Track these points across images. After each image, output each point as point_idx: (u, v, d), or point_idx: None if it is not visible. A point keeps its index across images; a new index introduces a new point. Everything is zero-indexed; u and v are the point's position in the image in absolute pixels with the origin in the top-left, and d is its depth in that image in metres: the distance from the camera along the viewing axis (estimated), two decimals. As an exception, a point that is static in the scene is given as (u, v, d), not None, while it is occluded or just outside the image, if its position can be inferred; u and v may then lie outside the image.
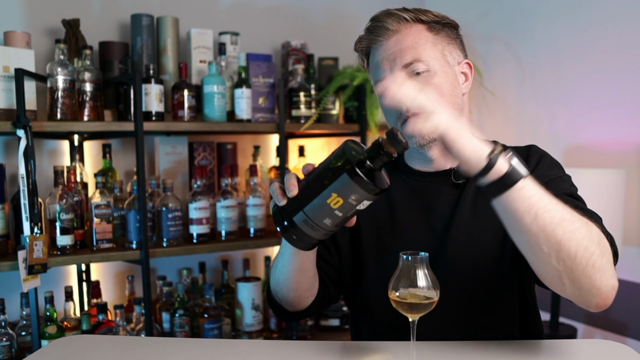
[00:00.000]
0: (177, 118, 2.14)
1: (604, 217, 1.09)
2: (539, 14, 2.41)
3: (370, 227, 1.25)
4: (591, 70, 2.22)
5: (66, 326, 1.98)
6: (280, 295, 1.24)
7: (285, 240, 1.12)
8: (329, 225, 0.96)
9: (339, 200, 0.93)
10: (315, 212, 0.95)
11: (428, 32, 1.17)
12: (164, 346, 1.24)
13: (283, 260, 1.18)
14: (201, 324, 2.19)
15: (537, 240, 0.90)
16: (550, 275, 0.94)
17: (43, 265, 1.81)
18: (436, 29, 1.18)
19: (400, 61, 1.15)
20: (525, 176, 0.89)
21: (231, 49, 2.37)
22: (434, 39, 1.17)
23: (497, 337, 1.17)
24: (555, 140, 2.34)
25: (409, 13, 1.18)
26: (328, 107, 2.43)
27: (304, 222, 0.96)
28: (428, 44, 1.16)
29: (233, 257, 2.58)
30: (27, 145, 1.78)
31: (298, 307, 1.26)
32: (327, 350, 1.16)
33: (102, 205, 2.00)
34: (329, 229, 0.97)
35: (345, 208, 0.94)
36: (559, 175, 1.16)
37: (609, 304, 0.96)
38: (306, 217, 0.96)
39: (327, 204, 0.94)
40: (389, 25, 1.16)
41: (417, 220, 1.22)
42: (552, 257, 0.91)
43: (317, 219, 0.95)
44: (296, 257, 1.14)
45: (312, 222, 0.96)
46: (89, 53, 1.99)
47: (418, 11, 1.19)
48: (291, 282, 1.19)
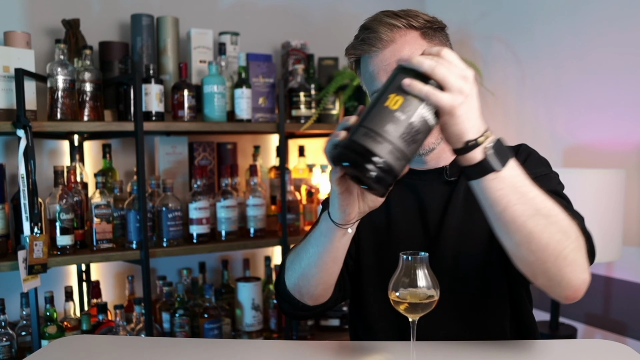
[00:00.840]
0: (177, 118, 2.14)
1: (604, 217, 1.09)
2: (539, 14, 2.41)
3: (367, 226, 1.25)
4: (591, 70, 2.22)
5: (66, 326, 1.98)
6: (305, 290, 1.19)
7: (325, 231, 1.07)
8: (393, 133, 0.84)
9: (397, 99, 0.86)
10: (374, 118, 0.85)
11: (423, 39, 1.16)
12: (164, 346, 1.24)
13: (315, 252, 1.13)
14: (201, 324, 2.19)
15: (506, 229, 0.94)
16: (522, 264, 0.98)
17: (43, 265, 1.81)
18: (430, 35, 1.17)
19: None
20: (498, 170, 0.90)
21: (231, 49, 2.37)
22: (429, 46, 1.15)
23: (488, 333, 1.19)
24: (555, 140, 2.34)
25: (401, 20, 1.15)
26: (328, 107, 2.43)
27: (365, 135, 0.85)
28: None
29: (233, 257, 2.58)
30: (27, 145, 1.78)
31: (320, 301, 1.22)
32: (327, 350, 1.16)
33: (102, 205, 2.00)
34: (395, 143, 0.84)
35: (407, 107, 0.85)
36: (545, 172, 1.18)
37: (580, 297, 1.00)
38: (366, 128, 0.85)
39: (386, 107, 0.86)
40: (382, 34, 1.14)
41: (412, 218, 1.24)
42: (523, 247, 0.94)
43: (378, 126, 0.84)
44: (336, 247, 1.11)
45: (373, 131, 0.84)
46: (89, 53, 1.99)
47: (409, 16, 1.16)
48: (322, 274, 1.15)
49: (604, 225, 1.91)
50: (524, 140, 2.42)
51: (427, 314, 0.99)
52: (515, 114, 2.51)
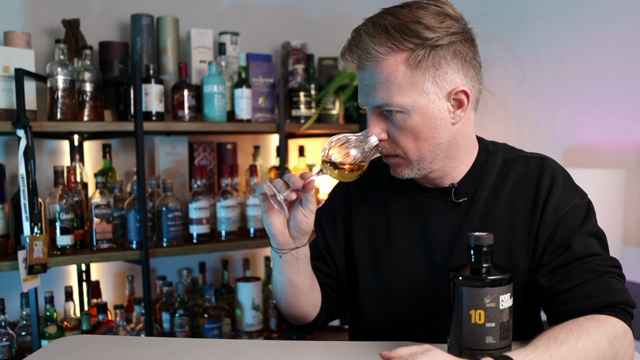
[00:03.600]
0: (177, 118, 2.14)
1: (604, 217, 1.10)
2: (539, 13, 2.41)
3: (365, 238, 1.23)
4: (591, 70, 2.22)
5: (66, 326, 1.98)
6: (282, 310, 1.25)
7: (273, 255, 1.13)
8: None
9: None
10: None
11: (406, 65, 1.04)
12: (164, 346, 1.24)
13: (275, 274, 1.18)
14: (201, 324, 2.19)
15: None
16: None
17: (43, 265, 1.81)
18: (420, 57, 1.03)
19: (373, 101, 1.08)
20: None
21: (231, 49, 2.37)
22: (412, 74, 1.04)
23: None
24: (555, 140, 2.34)
25: (390, 38, 1.03)
26: (328, 107, 2.43)
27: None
28: (404, 83, 1.04)
29: (233, 257, 2.57)
30: (27, 145, 1.78)
31: (303, 321, 1.25)
32: (327, 350, 1.16)
33: (102, 205, 2.00)
34: None
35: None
36: (581, 221, 1.10)
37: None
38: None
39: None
40: (369, 49, 1.04)
41: (413, 235, 1.19)
42: None
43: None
44: (284, 271, 1.15)
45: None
46: (89, 53, 1.99)
47: (403, 32, 1.02)
48: (287, 296, 1.19)
49: (604, 225, 1.89)
50: (524, 140, 2.43)
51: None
52: (515, 114, 2.51)
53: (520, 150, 1.23)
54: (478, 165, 1.17)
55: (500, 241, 1.08)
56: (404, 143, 1.09)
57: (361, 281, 1.23)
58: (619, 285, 1.04)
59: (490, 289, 0.94)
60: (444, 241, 1.15)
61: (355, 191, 1.27)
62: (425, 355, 0.84)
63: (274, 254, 1.15)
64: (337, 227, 1.27)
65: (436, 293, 1.14)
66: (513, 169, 1.16)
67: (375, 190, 1.25)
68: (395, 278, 1.19)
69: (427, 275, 1.16)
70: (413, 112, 1.06)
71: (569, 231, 1.09)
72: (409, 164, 1.12)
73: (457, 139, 1.13)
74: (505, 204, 1.14)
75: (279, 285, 1.19)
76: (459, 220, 1.15)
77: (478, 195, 1.15)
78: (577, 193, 1.14)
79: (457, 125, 1.12)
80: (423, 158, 1.10)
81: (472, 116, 1.16)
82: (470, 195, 1.15)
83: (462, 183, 1.16)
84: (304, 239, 1.12)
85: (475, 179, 1.16)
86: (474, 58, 1.11)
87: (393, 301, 1.19)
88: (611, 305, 1.01)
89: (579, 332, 0.93)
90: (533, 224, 1.11)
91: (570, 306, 1.03)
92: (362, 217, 1.25)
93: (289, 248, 1.12)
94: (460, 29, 1.08)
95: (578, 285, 1.04)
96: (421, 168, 1.12)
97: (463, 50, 1.08)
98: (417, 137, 1.08)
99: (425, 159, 1.11)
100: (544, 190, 1.12)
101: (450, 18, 1.07)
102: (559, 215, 1.10)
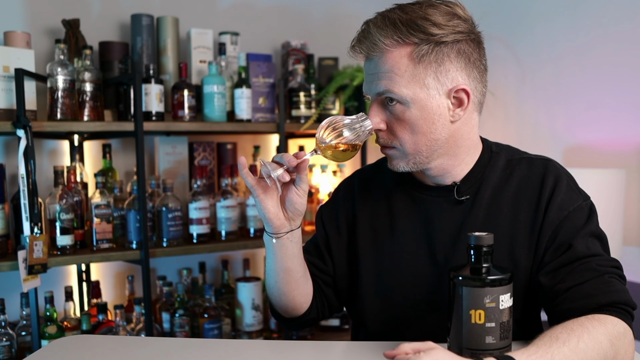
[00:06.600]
0: (177, 118, 2.14)
1: (604, 217, 1.10)
2: (539, 14, 2.41)
3: (368, 236, 1.24)
4: (591, 70, 2.22)
5: (66, 326, 1.98)
6: (274, 300, 1.25)
7: (267, 242, 1.14)
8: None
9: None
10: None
11: (410, 59, 1.06)
12: (164, 346, 1.24)
13: (268, 261, 1.19)
14: (201, 324, 2.19)
15: None
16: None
17: (43, 265, 1.81)
18: (424, 52, 1.06)
19: (376, 88, 1.11)
20: None
21: (231, 49, 2.37)
22: (415, 68, 1.07)
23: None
24: (555, 140, 2.34)
25: (397, 31, 1.06)
26: (328, 107, 2.43)
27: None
28: (406, 75, 1.07)
29: (233, 257, 2.57)
30: (27, 145, 1.78)
31: (293, 313, 1.25)
32: (327, 350, 1.16)
33: (102, 205, 2.00)
34: None
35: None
36: (584, 222, 1.11)
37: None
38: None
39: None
40: (375, 41, 1.08)
41: (417, 232, 1.19)
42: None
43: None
44: (279, 257, 1.15)
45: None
46: (89, 53, 1.99)
47: (416, 25, 1.05)
48: (280, 284, 1.19)
49: (604, 225, 1.89)
50: (524, 140, 2.43)
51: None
52: (515, 114, 2.51)
53: (524, 152, 1.23)
54: (481, 164, 1.18)
55: (502, 240, 1.09)
56: (401, 135, 1.11)
57: (363, 277, 1.23)
58: (620, 285, 1.05)
59: (490, 289, 0.94)
60: (447, 239, 1.16)
61: (360, 189, 1.28)
62: (428, 353, 0.85)
63: (267, 240, 1.15)
64: (340, 224, 1.27)
65: (438, 290, 1.15)
66: (517, 170, 1.17)
67: (379, 188, 1.26)
68: (397, 275, 1.19)
69: (429, 272, 1.17)
70: (412, 104, 1.08)
71: (571, 231, 1.09)
72: (405, 156, 1.13)
73: (456, 137, 1.13)
74: (508, 204, 1.14)
75: (272, 273, 1.19)
76: (461, 218, 1.15)
77: (481, 194, 1.16)
78: (580, 195, 1.15)
79: (457, 124, 1.12)
80: (419, 152, 1.11)
81: (474, 117, 1.17)
82: (473, 193, 1.16)
83: (465, 181, 1.17)
84: (298, 221, 1.14)
85: (477, 177, 1.17)
86: (478, 60, 1.14)
87: (395, 298, 1.20)
88: (612, 304, 1.01)
89: (580, 332, 0.93)
90: (536, 223, 1.12)
91: (570, 305, 1.03)
92: (365, 214, 1.25)
93: (285, 231, 1.13)
94: (467, 29, 1.11)
95: (579, 284, 1.04)
96: (417, 162, 1.13)
97: (468, 50, 1.11)
98: (414, 130, 1.10)
99: (421, 153, 1.12)
100: (547, 191, 1.13)
101: (459, 18, 1.10)
102: (561, 216, 1.10)
